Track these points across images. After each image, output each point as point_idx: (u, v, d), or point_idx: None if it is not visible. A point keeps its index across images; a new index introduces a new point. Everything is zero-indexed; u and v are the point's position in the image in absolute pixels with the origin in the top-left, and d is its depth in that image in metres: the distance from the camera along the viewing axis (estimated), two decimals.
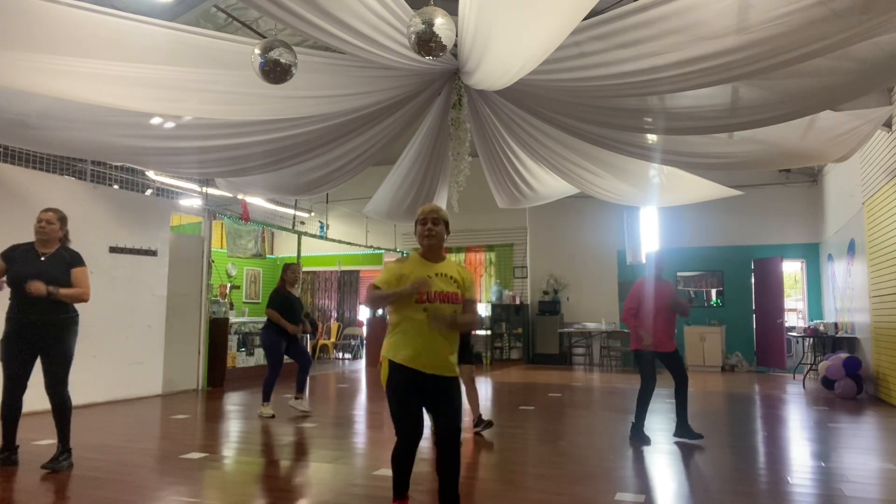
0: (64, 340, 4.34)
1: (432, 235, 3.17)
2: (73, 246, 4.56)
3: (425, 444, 5.66)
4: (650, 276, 5.54)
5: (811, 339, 10.00)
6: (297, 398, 6.73)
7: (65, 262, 4.36)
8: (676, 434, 5.39)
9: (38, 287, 4.09)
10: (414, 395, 3.06)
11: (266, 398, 6.56)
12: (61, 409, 4.34)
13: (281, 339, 6.61)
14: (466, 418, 6.49)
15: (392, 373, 3.08)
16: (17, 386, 4.29)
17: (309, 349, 11.32)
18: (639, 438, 5.34)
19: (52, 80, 4.35)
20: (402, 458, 3.07)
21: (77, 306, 4.42)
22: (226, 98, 5.12)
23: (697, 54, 4.07)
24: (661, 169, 7.61)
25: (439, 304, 3.06)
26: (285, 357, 6.75)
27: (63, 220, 4.49)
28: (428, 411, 3.16)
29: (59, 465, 4.28)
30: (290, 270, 6.85)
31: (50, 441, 4.48)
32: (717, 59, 4.04)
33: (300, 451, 5.27)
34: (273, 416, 6.48)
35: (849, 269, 9.34)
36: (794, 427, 6.49)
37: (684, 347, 11.59)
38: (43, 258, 4.32)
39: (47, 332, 4.25)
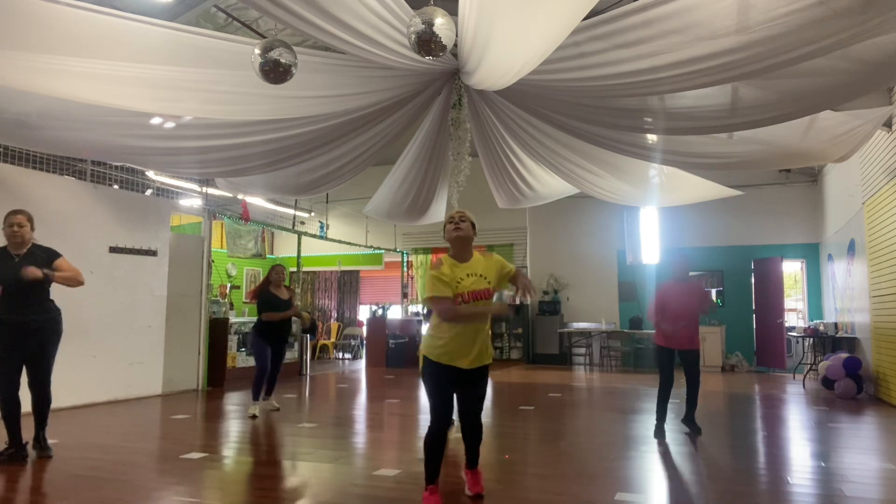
0: (49, 340, 4.48)
1: (459, 229, 3.45)
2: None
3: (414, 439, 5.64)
4: (673, 279, 5.73)
5: (811, 339, 9.99)
6: (266, 399, 6.80)
7: (42, 259, 4.43)
8: (683, 420, 5.65)
9: (33, 271, 4.21)
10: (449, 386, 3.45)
11: (255, 397, 6.65)
12: (46, 404, 4.52)
13: (266, 343, 6.66)
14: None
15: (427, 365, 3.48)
16: (14, 383, 4.39)
17: (309, 350, 11.34)
18: (659, 436, 5.44)
19: (52, 80, 4.35)
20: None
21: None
22: (226, 98, 5.11)
23: (697, 54, 4.06)
24: (661, 169, 7.60)
25: (474, 303, 3.33)
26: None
27: (32, 220, 4.57)
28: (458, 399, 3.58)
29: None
30: (274, 272, 6.88)
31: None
32: (717, 59, 4.03)
33: (300, 452, 5.27)
34: (255, 417, 6.45)
35: (849, 269, 9.33)
36: (794, 427, 6.49)
37: None
38: (16, 258, 4.41)
39: (35, 331, 4.38)
